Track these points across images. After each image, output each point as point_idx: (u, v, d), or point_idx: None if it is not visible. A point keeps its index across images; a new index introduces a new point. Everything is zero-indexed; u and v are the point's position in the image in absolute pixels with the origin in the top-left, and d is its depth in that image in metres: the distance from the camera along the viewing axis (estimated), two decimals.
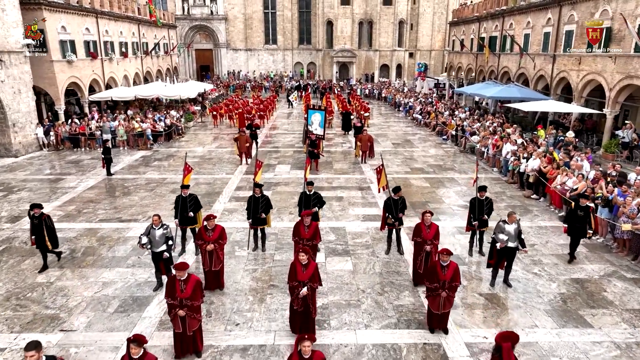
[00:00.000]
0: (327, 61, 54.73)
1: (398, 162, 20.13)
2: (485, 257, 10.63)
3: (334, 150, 22.43)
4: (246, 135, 19.16)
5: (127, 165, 19.45)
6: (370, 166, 19.23)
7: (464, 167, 19.23)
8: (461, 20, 41.03)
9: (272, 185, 16.52)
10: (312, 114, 19.38)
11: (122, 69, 31.33)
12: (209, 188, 16.15)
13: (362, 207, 14.18)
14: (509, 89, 25.24)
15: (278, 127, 29.68)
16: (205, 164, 19.55)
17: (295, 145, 23.51)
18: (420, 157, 21.03)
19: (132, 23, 33.35)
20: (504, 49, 31.46)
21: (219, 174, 18.08)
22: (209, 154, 21.67)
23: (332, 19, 52.42)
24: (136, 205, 14.35)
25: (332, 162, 20.08)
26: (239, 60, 57.11)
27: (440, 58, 56.53)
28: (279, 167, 19.07)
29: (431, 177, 17.64)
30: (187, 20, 54.40)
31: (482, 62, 35.38)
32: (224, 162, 19.92)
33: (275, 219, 13.06)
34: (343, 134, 26.78)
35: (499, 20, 32.24)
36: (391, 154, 21.80)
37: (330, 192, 15.66)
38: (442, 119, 26.99)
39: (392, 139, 25.44)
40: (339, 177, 17.66)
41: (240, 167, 19.13)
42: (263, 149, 22.80)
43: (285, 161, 20.18)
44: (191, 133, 27.38)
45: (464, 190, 16.01)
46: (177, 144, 24.16)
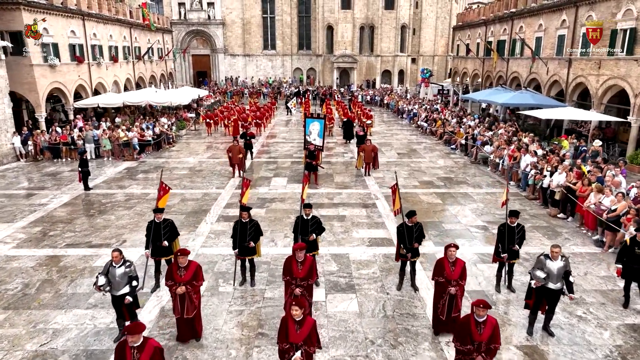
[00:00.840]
0: (327, 67, 53.27)
1: (405, 174, 18.47)
2: (516, 294, 8.94)
3: (334, 161, 20.79)
4: (239, 145, 17.52)
5: (108, 178, 17.78)
6: (375, 179, 17.58)
7: (477, 180, 17.56)
8: (466, 25, 39.58)
9: (266, 201, 14.85)
10: (310, 122, 17.77)
11: (111, 74, 29.78)
12: (196, 205, 14.47)
13: (368, 229, 12.49)
14: (522, 95, 23.65)
15: (276, 135, 28.07)
16: (194, 177, 17.89)
17: (294, 156, 21.86)
18: (428, 169, 19.37)
19: (123, 26, 31.86)
20: (513, 53, 29.93)
21: (209, 188, 16.41)
22: (199, 165, 20.01)
23: (333, 23, 51.02)
24: (111, 226, 12.66)
25: (333, 174, 18.43)
26: (237, 66, 55.65)
27: (443, 64, 55.09)
28: (275, 181, 17.41)
29: (442, 192, 15.96)
30: (184, 25, 53.01)
31: (490, 67, 33.85)
32: (215, 175, 18.26)
33: (267, 243, 11.37)
34: (344, 143, 25.15)
35: (508, 23, 30.74)
36: (397, 165, 20.14)
37: (331, 210, 13.98)
38: (450, 127, 25.36)
39: (396, 149, 23.80)
40: (341, 192, 15.99)
41: (232, 180, 17.48)
42: (258, 159, 21.16)
43: (282, 173, 18.53)
44: (183, 142, 25.75)
45: (480, 207, 14.32)
46: (166, 154, 22.50)
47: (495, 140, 19.57)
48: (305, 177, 9.59)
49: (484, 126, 23.06)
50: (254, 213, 13.59)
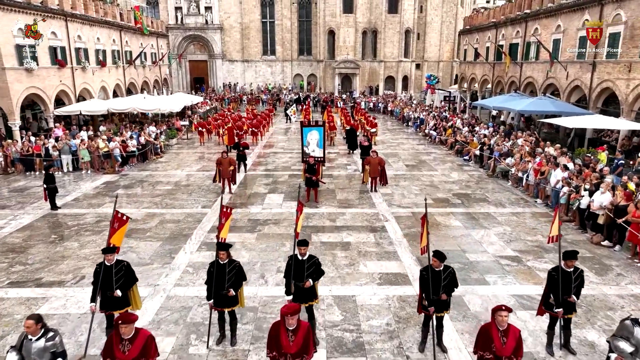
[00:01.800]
0: (328, 73, 51.45)
1: (416, 189, 16.45)
2: (576, 356, 6.88)
3: (336, 174, 18.78)
4: (229, 157, 15.54)
5: (82, 195, 15.78)
6: (382, 196, 15.55)
7: (499, 198, 15.51)
8: (474, 28, 37.75)
9: (258, 223, 12.82)
10: (307, 132, 15.78)
11: (98, 80, 27.92)
12: (176, 229, 12.45)
13: (378, 260, 10.44)
14: (541, 102, 21.68)
15: (273, 144, 26.10)
16: (178, 194, 15.88)
17: (292, 168, 19.88)
18: (442, 184, 17.34)
19: (112, 29, 30.06)
20: (527, 57, 28.02)
21: (194, 207, 14.40)
22: (186, 179, 18.02)
23: (334, 28, 49.28)
24: (72, 256, 10.63)
25: (335, 189, 16.41)
26: (236, 72, 53.89)
27: (448, 69, 53.27)
28: (269, 198, 15.40)
29: (461, 212, 13.92)
30: (181, 30, 51.35)
31: (501, 72, 31.94)
32: (203, 191, 16.25)
33: (256, 280, 9.35)
34: (347, 153, 23.17)
35: (521, 25, 28.86)
36: (406, 178, 18.14)
37: (333, 235, 11.94)
38: (462, 136, 23.36)
39: (404, 159, 21.80)
40: (344, 211, 13.96)
41: (222, 196, 15.44)
42: (253, 172, 19.17)
43: (279, 189, 16.52)
44: (172, 152, 23.78)
45: (507, 232, 12.27)
46: (152, 165, 20.53)
47: (516, 151, 17.55)
48: (300, 205, 7.55)
49: (500, 135, 21.05)
50: (242, 239, 11.62)
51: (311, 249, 11.10)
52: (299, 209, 7.51)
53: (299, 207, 7.52)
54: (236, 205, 14.58)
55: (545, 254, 10.75)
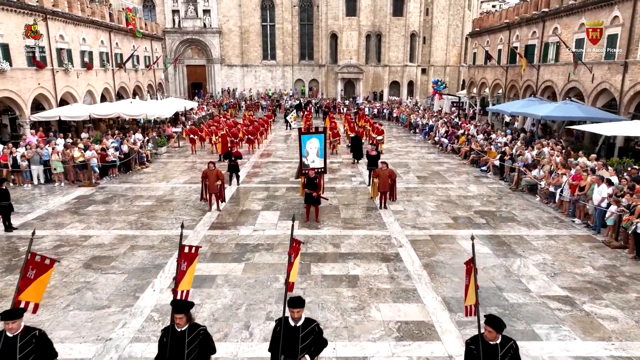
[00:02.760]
0: (331, 78, 49.51)
1: (431, 206, 14.33)
2: None
3: (340, 187, 16.69)
4: (217, 169, 13.47)
5: (48, 212, 13.72)
6: (394, 214, 13.44)
7: (529, 217, 13.37)
8: (484, 30, 35.78)
9: (247, 249, 10.71)
10: (306, 140, 13.68)
11: (84, 83, 25.99)
12: (148, 257, 10.34)
13: (394, 302, 8.32)
14: (567, 107, 19.60)
15: (271, 153, 24.06)
16: (158, 211, 13.79)
17: (290, 180, 17.80)
18: (460, 199, 15.22)
19: (100, 29, 28.19)
20: (545, 59, 25.98)
21: (173, 228, 12.30)
22: (170, 193, 15.94)
23: (337, 31, 47.40)
24: (9, 296, 8.52)
25: (339, 205, 14.32)
26: (235, 77, 52.02)
27: (455, 75, 51.33)
28: (263, 216, 13.30)
29: (488, 235, 11.79)
30: (178, 34, 49.58)
31: (515, 76, 29.90)
32: (187, 207, 14.17)
33: (238, 331, 7.23)
34: (352, 163, 21.09)
35: (538, 25, 26.86)
36: (418, 192, 16.03)
37: (337, 266, 9.83)
38: (477, 144, 21.27)
39: (414, 170, 19.71)
40: (350, 233, 11.85)
41: (208, 214, 13.40)
42: (246, 184, 17.09)
43: (274, 205, 14.43)
44: (160, 162, 21.75)
45: (549, 262, 10.13)
46: (135, 177, 18.48)
47: (545, 162, 15.43)
48: (296, 246, 5.43)
49: (521, 144, 18.96)
50: (226, 271, 9.47)
51: (311, 284, 9.03)
52: (294, 251, 5.38)
53: (294, 248, 5.39)
54: (223, 225, 12.50)
55: (604, 294, 8.61)
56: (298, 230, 12.05)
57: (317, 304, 8.18)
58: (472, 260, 5.16)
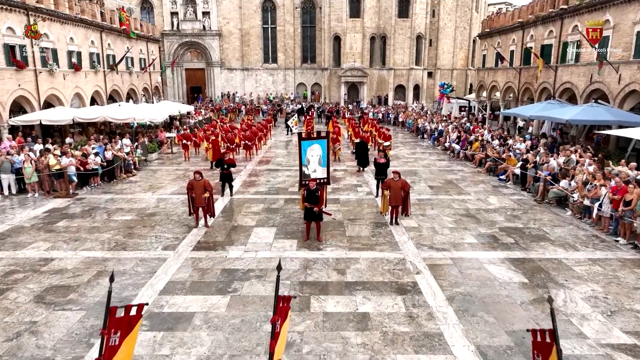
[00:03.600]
0: (334, 81, 47.93)
1: (449, 222, 12.58)
2: None
3: (344, 199, 14.95)
4: (204, 179, 11.77)
5: (12, 228, 12.02)
6: (407, 231, 11.69)
7: (563, 235, 11.60)
8: (495, 31, 34.11)
9: (234, 277, 8.97)
10: (306, 146, 11.95)
11: (71, 85, 24.42)
12: (115, 287, 8.60)
13: (415, 353, 6.55)
14: (594, 110, 17.85)
15: (270, 160, 22.36)
16: (138, 227, 12.08)
17: (289, 190, 16.10)
18: (480, 213, 13.46)
19: (90, 29, 26.67)
20: (564, 59, 24.25)
21: (152, 248, 10.59)
22: (155, 205, 14.24)
23: (340, 33, 45.88)
24: None
25: (343, 221, 12.59)
26: (235, 81, 50.53)
27: (462, 78, 49.71)
28: (257, 233, 11.58)
29: (519, 259, 10.02)
30: (177, 37, 48.21)
31: (529, 78, 28.17)
32: (172, 223, 12.46)
33: None
34: (357, 171, 19.37)
35: (555, 23, 25.16)
36: (433, 205, 14.28)
37: (343, 299, 8.08)
38: (494, 151, 19.52)
39: (426, 179, 17.97)
40: (357, 256, 10.11)
41: (194, 231, 11.70)
42: (240, 195, 15.37)
43: (270, 220, 12.70)
44: (150, 169, 20.08)
45: (599, 295, 8.35)
46: (119, 186, 16.79)
47: (577, 172, 13.66)
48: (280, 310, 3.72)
49: (545, 151, 17.20)
50: (207, 307, 7.48)
51: (310, 327, 7.28)
52: (280, 315, 3.64)
53: (280, 311, 3.65)
54: (210, 245, 10.78)
55: None
56: (296, 252, 10.33)
57: (317, 355, 6.44)
58: (552, 331, 3.40)
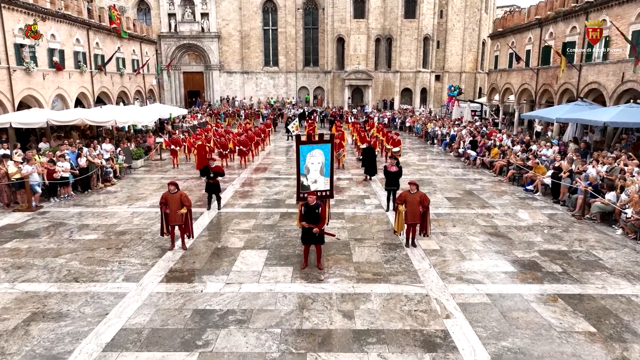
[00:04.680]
0: (337, 85, 45.95)
1: (477, 242, 10.43)
2: None
3: (350, 214, 12.83)
4: (181, 192, 9.69)
5: None
6: (428, 255, 9.55)
7: (621, 261, 9.42)
8: (509, 30, 32.09)
9: (208, 323, 6.84)
10: (306, 151, 9.83)
11: (52, 86, 22.50)
12: (50, 337, 6.49)
13: None
14: (634, 111, 15.70)
15: (267, 167, 20.29)
16: (100, 249, 9.99)
17: (287, 202, 14.01)
18: (512, 231, 11.30)
19: (75, 26, 24.80)
20: (590, 57, 22.16)
21: (113, 278, 8.48)
22: (128, 221, 12.15)
23: (344, 35, 43.96)
24: None
25: (349, 241, 10.47)
26: (234, 85, 48.61)
27: (471, 81, 47.62)
28: (244, 258, 9.46)
29: (577, 297, 7.85)
30: (174, 39, 46.39)
31: (548, 79, 26.09)
32: (142, 244, 10.36)
33: None
34: (364, 180, 17.27)
35: (579, 19, 23.12)
36: (454, 220, 12.15)
37: (351, 359, 5.95)
38: (517, 158, 17.38)
39: (442, 190, 15.83)
40: (368, 290, 7.97)
41: (168, 255, 9.60)
42: (230, 209, 13.27)
43: (261, 241, 10.59)
44: (132, 177, 18.04)
45: None
46: (93, 197, 14.74)
47: (629, 183, 11.49)
48: None
49: (579, 158, 15.05)
50: None
51: None
52: None
53: None
54: (184, 275, 8.68)
55: None
56: (290, 284, 8.22)
57: None
58: None
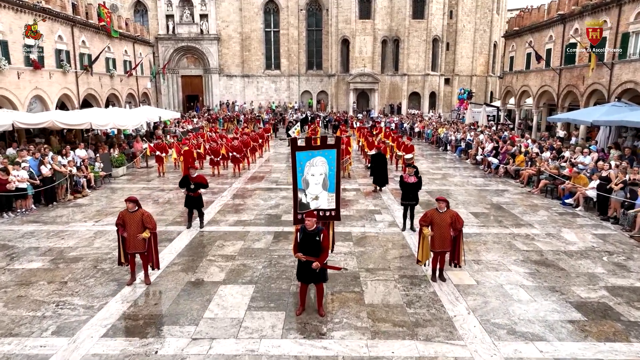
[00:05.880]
0: (341, 89, 43.84)
1: (522, 275, 8.14)
2: None
3: (357, 234, 10.56)
4: (142, 211, 7.48)
5: None
6: (463, 293, 7.27)
7: None
8: (526, 29, 29.90)
9: None
10: (305, 160, 7.60)
11: (29, 86, 20.47)
12: None
13: None
14: None
15: (264, 176, 18.10)
16: (39, 284, 7.77)
17: (282, 219, 11.78)
18: (563, 259, 9.00)
19: (57, 22, 22.82)
20: (624, 54, 19.91)
21: (38, 331, 6.25)
22: (88, 243, 9.94)
23: (349, 36, 41.92)
24: None
25: (359, 272, 8.20)
26: (234, 89, 46.61)
27: (482, 85, 45.40)
28: (222, 297, 7.22)
29: None
30: (172, 41, 44.49)
31: (573, 80, 23.83)
32: (98, 275, 8.14)
33: None
34: (373, 191, 15.02)
35: (610, 12, 20.89)
36: (487, 244, 9.88)
37: None
38: (551, 166, 15.09)
39: (464, 203, 13.54)
40: (389, 354, 5.69)
41: (125, 292, 7.38)
42: (214, 227, 11.04)
43: (247, 272, 8.34)
44: (109, 187, 15.87)
45: None
46: (56, 212, 12.55)
47: None
48: None
49: (625, 166, 12.75)
50: None
51: None
52: None
53: None
54: (138, 323, 6.44)
55: None
56: (280, 341, 5.98)
57: None
58: None
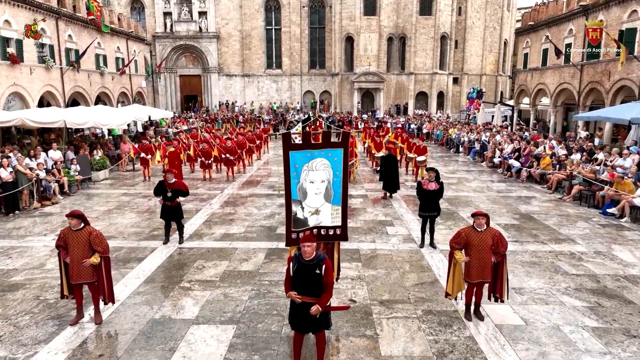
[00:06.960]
0: (345, 88, 42.09)
1: (580, 309, 6.30)
2: None
3: (366, 252, 8.76)
4: (90, 229, 5.71)
5: None
6: (510, 339, 5.42)
7: None
8: (542, 23, 28.08)
9: None
10: (303, 162, 5.91)
11: (7, 82, 18.82)
12: None
13: None
14: None
15: (260, 181, 16.33)
16: None
17: (277, 232, 9.98)
18: (626, 287, 7.18)
19: (39, 13, 21.17)
20: None
21: None
22: (40, 262, 8.18)
23: (353, 33, 40.17)
24: None
25: (371, 308, 6.39)
26: (234, 89, 44.95)
27: (492, 85, 43.58)
28: (191, 343, 5.41)
29: None
30: (170, 39, 42.91)
31: (597, 76, 21.98)
32: (38, 309, 6.36)
33: None
34: (382, 198, 13.22)
35: None
36: (526, 266, 8.06)
37: None
38: (587, 170, 13.24)
39: (489, 212, 11.61)
40: None
41: (66, 335, 5.58)
42: (196, 243, 9.24)
43: (228, 305, 6.54)
44: (86, 193, 14.14)
45: None
46: (15, 223, 10.79)
47: None
48: None
49: None
50: None
51: None
52: None
53: None
54: None
55: None
56: None
57: None
58: None
